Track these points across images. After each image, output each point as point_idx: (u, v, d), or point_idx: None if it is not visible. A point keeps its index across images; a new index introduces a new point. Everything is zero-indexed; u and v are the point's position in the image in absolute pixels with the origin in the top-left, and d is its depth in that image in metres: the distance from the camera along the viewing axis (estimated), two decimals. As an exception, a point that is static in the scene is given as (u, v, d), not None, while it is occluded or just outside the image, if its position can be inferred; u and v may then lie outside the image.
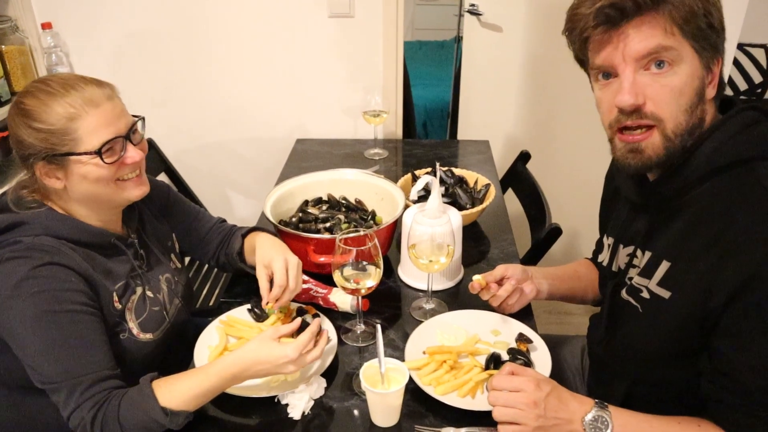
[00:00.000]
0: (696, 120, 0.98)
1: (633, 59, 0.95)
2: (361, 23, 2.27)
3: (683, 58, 0.94)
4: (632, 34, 0.94)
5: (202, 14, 2.29)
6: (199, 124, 2.50)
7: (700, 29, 0.93)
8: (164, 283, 1.36)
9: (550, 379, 1.09)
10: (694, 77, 0.96)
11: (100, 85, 1.16)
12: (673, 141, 0.98)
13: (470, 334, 1.31)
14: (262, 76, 2.40)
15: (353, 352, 1.31)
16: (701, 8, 0.92)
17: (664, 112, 0.96)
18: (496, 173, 2.12)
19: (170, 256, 1.43)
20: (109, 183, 1.17)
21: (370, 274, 1.25)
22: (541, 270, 1.39)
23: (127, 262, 1.27)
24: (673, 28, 0.93)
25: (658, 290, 1.05)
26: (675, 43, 0.93)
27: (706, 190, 1.00)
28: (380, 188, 1.65)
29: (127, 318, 1.23)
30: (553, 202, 1.89)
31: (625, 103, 0.96)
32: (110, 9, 2.29)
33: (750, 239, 0.90)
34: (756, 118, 0.99)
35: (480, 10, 2.86)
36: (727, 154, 0.98)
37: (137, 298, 1.27)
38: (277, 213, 1.58)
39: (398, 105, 2.42)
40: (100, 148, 1.12)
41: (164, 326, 1.32)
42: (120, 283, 1.23)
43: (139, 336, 1.25)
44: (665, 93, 0.95)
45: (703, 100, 0.98)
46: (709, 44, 0.95)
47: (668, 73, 0.95)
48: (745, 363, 0.94)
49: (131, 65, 2.38)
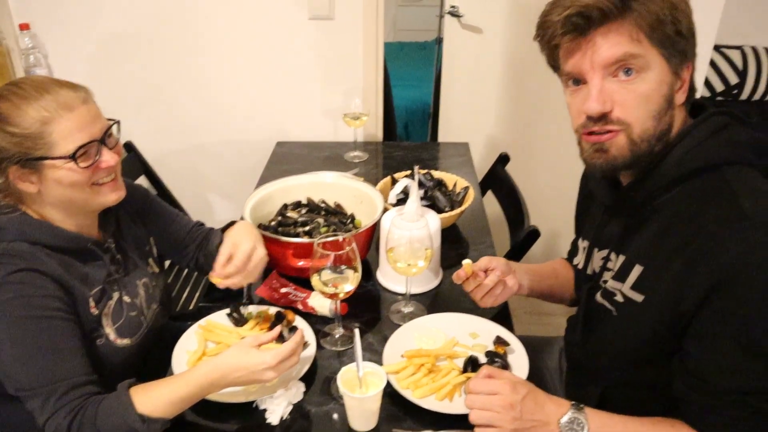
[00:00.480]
0: (664, 126, 1.00)
1: (601, 66, 0.96)
2: (341, 26, 2.27)
3: (651, 64, 0.95)
4: (600, 42, 0.95)
5: (182, 16, 2.28)
6: (179, 126, 2.49)
7: (667, 36, 0.95)
8: (142, 288, 1.35)
9: (527, 381, 1.10)
10: (662, 83, 0.97)
11: (75, 88, 1.15)
12: (638, 145, 0.99)
13: (448, 337, 1.32)
14: (241, 78, 2.39)
15: (332, 356, 1.31)
16: (668, 16, 0.93)
17: (631, 117, 0.97)
18: (476, 175, 2.13)
19: (148, 260, 1.42)
20: (84, 187, 1.16)
21: (348, 278, 1.25)
22: (522, 266, 1.40)
23: (103, 267, 1.26)
24: (640, 36, 0.94)
25: (632, 294, 1.06)
26: (642, 50, 0.94)
27: (676, 195, 1.01)
28: (359, 191, 1.65)
29: (103, 323, 1.22)
30: (532, 203, 1.91)
31: (593, 110, 0.97)
32: (89, 10, 2.27)
33: (719, 244, 0.92)
34: (725, 122, 1.00)
35: (460, 12, 2.87)
36: (696, 159, 0.99)
37: (114, 303, 1.26)
38: (256, 217, 1.57)
39: (378, 107, 2.42)
40: (75, 152, 1.11)
41: (142, 331, 1.31)
42: (96, 288, 1.22)
43: (116, 341, 1.24)
44: (633, 99, 0.96)
45: (671, 105, 0.99)
46: (677, 51, 0.96)
47: (636, 80, 0.96)
48: (715, 365, 0.95)
49: (110, 67, 2.36)
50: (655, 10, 0.93)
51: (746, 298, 0.90)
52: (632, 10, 0.93)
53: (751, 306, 0.90)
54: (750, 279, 0.89)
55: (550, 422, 1.03)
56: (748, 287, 0.90)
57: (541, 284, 1.40)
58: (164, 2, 2.25)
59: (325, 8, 2.23)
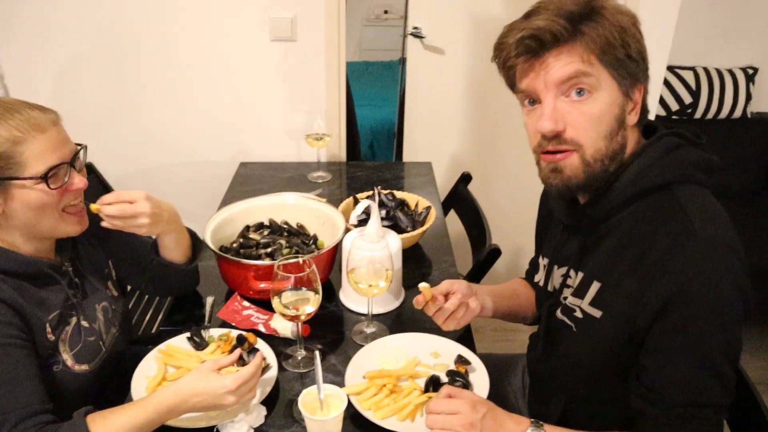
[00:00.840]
0: (617, 146, 1.02)
1: (554, 85, 0.99)
2: (303, 47, 2.28)
3: (602, 85, 0.98)
4: (552, 63, 0.98)
5: (143, 37, 2.27)
6: (141, 148, 2.47)
7: (617, 59, 0.98)
8: (101, 312, 1.33)
9: (487, 400, 1.11)
10: (614, 105, 1.00)
11: (44, 110, 1.15)
12: (592, 165, 1.01)
13: (410, 356, 1.32)
14: (204, 99, 2.38)
15: (294, 379, 1.30)
16: (618, 39, 0.97)
17: (583, 138, 1.00)
18: (438, 195, 2.15)
19: (107, 283, 1.40)
20: (52, 211, 1.16)
21: (310, 299, 1.25)
22: (483, 287, 1.41)
23: (61, 291, 1.24)
24: (591, 57, 0.97)
25: (590, 310, 1.08)
26: (593, 70, 0.97)
27: (630, 213, 1.04)
28: (321, 212, 1.65)
29: (60, 349, 1.20)
30: (495, 221, 1.93)
31: (546, 128, 1.00)
32: (47, 32, 2.24)
33: (671, 260, 0.95)
34: (676, 143, 1.04)
35: (423, 33, 2.91)
36: (648, 178, 1.02)
37: (71, 329, 1.24)
38: (218, 239, 1.57)
39: (341, 128, 2.44)
40: (46, 173, 1.11)
41: (101, 356, 1.29)
42: (54, 313, 1.20)
43: (74, 368, 1.22)
44: (585, 120, 0.99)
45: (623, 126, 1.02)
46: (628, 73, 0.99)
47: (587, 101, 0.99)
48: (669, 379, 0.98)
49: (69, 88, 2.33)
50: (605, 34, 0.96)
51: (698, 314, 0.93)
52: (583, 33, 0.96)
53: (703, 321, 0.93)
54: (700, 295, 0.92)
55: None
56: (699, 303, 0.92)
57: (503, 305, 1.41)
58: (124, 23, 2.24)
59: (287, 30, 2.25)
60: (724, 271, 0.93)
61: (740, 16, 3.04)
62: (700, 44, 3.08)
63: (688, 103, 3.04)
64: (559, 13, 0.96)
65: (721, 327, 0.94)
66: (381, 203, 1.77)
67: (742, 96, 3.06)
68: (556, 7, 0.97)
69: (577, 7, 0.97)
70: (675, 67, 3.05)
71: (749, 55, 3.13)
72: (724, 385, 0.97)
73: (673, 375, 0.97)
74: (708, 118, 3.10)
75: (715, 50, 3.11)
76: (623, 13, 0.99)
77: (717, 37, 3.09)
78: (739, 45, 3.11)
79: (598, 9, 0.97)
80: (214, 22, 2.25)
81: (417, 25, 2.93)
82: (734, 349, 0.97)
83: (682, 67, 3.06)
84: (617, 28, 0.97)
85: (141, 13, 2.23)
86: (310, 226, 1.68)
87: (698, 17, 2.98)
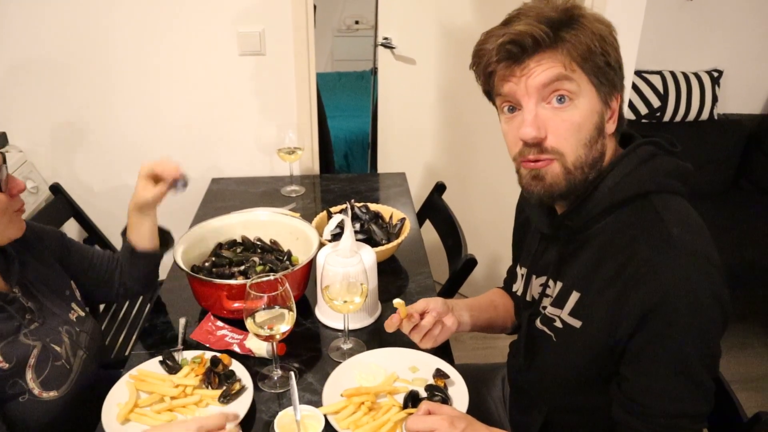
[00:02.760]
0: (597, 154, 1.02)
1: (535, 90, 0.98)
2: (272, 61, 2.27)
3: (583, 91, 0.98)
4: (533, 67, 0.97)
5: (111, 54, 2.23)
6: (109, 166, 2.42)
7: (598, 66, 0.98)
8: (65, 335, 1.29)
9: (466, 414, 1.10)
10: (594, 112, 1.00)
11: None
12: (573, 173, 1.01)
13: (388, 372, 1.30)
14: (174, 115, 2.35)
15: (271, 399, 1.28)
16: (598, 47, 0.97)
17: (564, 146, 0.99)
18: (413, 205, 2.14)
19: (70, 305, 1.36)
20: (2, 216, 1.14)
21: (284, 318, 1.23)
22: (459, 302, 1.39)
23: (10, 318, 1.20)
24: (572, 64, 0.97)
25: (570, 320, 1.08)
26: (575, 76, 0.97)
27: (609, 223, 1.04)
28: (294, 228, 1.63)
29: (27, 377, 1.16)
30: (471, 230, 1.93)
31: (528, 135, 0.99)
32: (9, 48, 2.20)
33: (651, 270, 0.94)
34: (652, 152, 1.04)
35: (393, 44, 2.92)
36: (626, 188, 1.02)
37: (36, 355, 1.20)
38: (189, 258, 1.54)
39: (314, 140, 2.42)
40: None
41: (70, 381, 1.25)
42: (5, 341, 1.16)
43: (42, 395, 1.18)
44: (565, 127, 0.99)
45: (602, 134, 1.02)
46: (607, 81, 0.99)
47: (568, 108, 0.98)
48: (648, 388, 0.98)
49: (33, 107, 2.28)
50: (586, 41, 0.96)
51: (678, 324, 0.93)
52: (564, 40, 0.96)
53: (683, 332, 0.93)
54: (680, 305, 0.92)
55: None
56: (678, 313, 0.92)
57: (481, 318, 1.39)
58: (91, 40, 2.20)
59: (255, 44, 2.23)
60: (703, 282, 0.93)
61: (705, 20, 3.09)
62: (666, 49, 3.13)
63: (656, 107, 3.09)
64: (539, 19, 0.96)
65: (701, 337, 0.94)
66: (355, 216, 1.75)
67: (708, 98, 3.11)
68: (536, 13, 0.97)
69: (556, 14, 0.97)
70: (643, 71, 3.09)
71: (714, 59, 3.19)
72: (704, 394, 0.97)
73: (654, 386, 0.97)
74: (676, 121, 3.14)
75: (681, 54, 3.17)
76: (601, 22, 0.99)
77: (682, 41, 3.15)
78: (704, 49, 3.17)
79: (577, 17, 0.98)
80: (181, 39, 2.22)
81: (387, 36, 2.94)
82: (713, 358, 0.98)
83: (650, 71, 3.10)
84: (597, 36, 0.97)
85: (107, 30, 2.20)
86: (283, 242, 1.66)
87: (664, 22, 3.04)
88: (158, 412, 1.21)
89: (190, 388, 1.25)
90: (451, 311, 1.30)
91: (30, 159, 2.31)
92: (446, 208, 2.03)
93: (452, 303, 1.33)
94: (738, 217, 2.93)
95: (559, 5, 0.98)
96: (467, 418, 1.07)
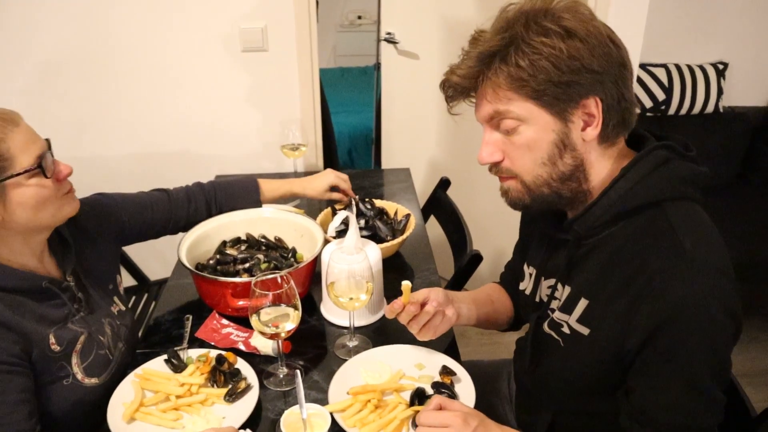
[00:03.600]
0: (566, 168, 1.00)
1: (484, 121, 1.04)
2: (275, 57, 2.26)
3: (526, 117, 0.98)
4: (478, 101, 1.04)
5: (114, 52, 2.23)
6: (114, 163, 2.42)
7: (535, 90, 0.95)
8: (108, 326, 1.32)
9: (478, 411, 1.09)
10: (547, 130, 0.98)
11: (4, 110, 1.14)
12: (534, 190, 1.03)
13: (394, 369, 1.30)
14: (177, 112, 2.35)
15: (277, 397, 1.27)
16: (527, 73, 0.94)
17: (518, 167, 1.03)
18: (417, 201, 2.14)
19: (113, 299, 1.38)
20: (53, 202, 1.15)
21: (289, 316, 1.22)
22: (459, 294, 1.38)
23: (62, 305, 1.23)
24: (508, 94, 0.97)
25: (578, 327, 1.06)
26: (513, 106, 0.98)
27: (619, 231, 1.01)
28: (299, 225, 1.63)
29: (72, 362, 1.20)
30: (477, 225, 1.92)
31: (482, 160, 1.05)
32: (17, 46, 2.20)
33: (662, 283, 0.92)
34: (666, 157, 1.00)
35: (396, 39, 2.90)
36: (638, 196, 0.99)
37: (83, 342, 1.23)
38: (193, 256, 1.53)
39: (317, 137, 2.41)
40: (39, 162, 1.11)
41: (110, 369, 1.28)
42: (57, 326, 1.19)
43: (84, 381, 1.21)
44: (516, 150, 1.02)
45: (570, 147, 0.99)
46: (554, 98, 0.95)
47: (515, 134, 1.00)
48: (656, 401, 0.97)
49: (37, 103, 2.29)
50: (512, 73, 0.95)
51: (689, 340, 0.92)
52: (488, 78, 0.99)
53: (694, 346, 0.92)
54: (691, 320, 0.91)
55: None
56: (690, 329, 0.91)
57: (479, 312, 1.37)
58: (96, 38, 2.20)
59: (258, 41, 2.22)
60: (715, 297, 0.91)
61: (709, 12, 3.07)
62: (671, 41, 3.11)
63: (661, 100, 3.07)
64: (477, 58, 0.99)
65: (712, 352, 0.93)
66: (360, 213, 1.75)
67: (713, 91, 3.09)
68: (477, 51, 0.99)
69: (496, 43, 0.97)
70: (647, 64, 3.07)
71: (719, 51, 3.17)
72: (714, 408, 0.96)
73: (663, 399, 0.96)
74: (681, 114, 3.12)
75: (685, 47, 3.15)
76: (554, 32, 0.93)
77: (687, 33, 3.13)
78: (709, 41, 3.14)
79: (518, 40, 0.94)
80: (185, 35, 2.22)
81: (390, 31, 2.93)
82: (724, 372, 0.97)
83: (654, 64, 3.08)
84: (540, 57, 0.93)
85: (111, 27, 2.20)
86: (288, 239, 1.66)
87: (668, 15, 3.01)
88: (164, 411, 1.21)
89: (195, 386, 1.25)
90: (452, 303, 1.29)
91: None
92: (451, 204, 2.02)
93: (452, 294, 1.32)
94: (744, 210, 2.91)
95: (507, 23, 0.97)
96: (479, 416, 1.07)
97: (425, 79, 2.82)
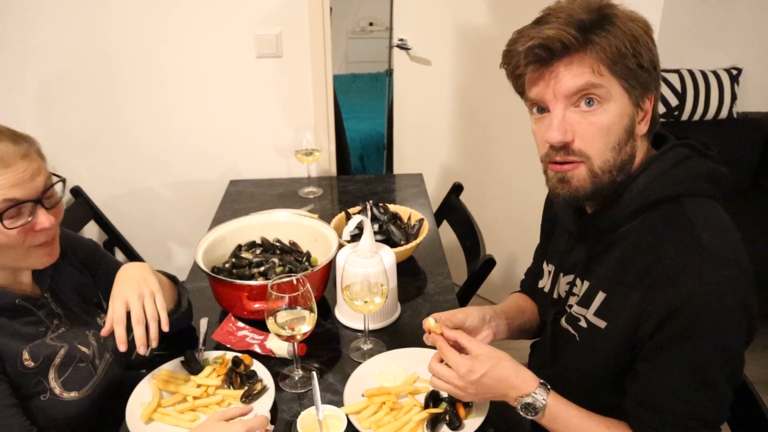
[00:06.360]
0: (625, 156, 1.01)
1: (563, 96, 0.97)
2: (289, 63, 2.28)
3: (612, 96, 0.96)
4: (562, 73, 0.96)
5: (130, 57, 2.25)
6: (129, 169, 2.44)
7: (628, 69, 0.95)
8: (93, 338, 1.31)
9: (487, 355, 1.10)
10: (623, 115, 0.98)
11: (16, 140, 1.09)
12: (599, 177, 1.00)
13: (409, 372, 1.30)
14: (192, 118, 2.37)
15: (292, 399, 1.28)
16: (629, 49, 0.94)
17: (592, 149, 0.98)
18: (430, 206, 2.14)
19: (98, 311, 1.37)
20: (17, 249, 1.11)
21: (305, 318, 1.23)
22: (494, 309, 1.35)
23: (38, 322, 1.21)
24: (601, 68, 0.95)
25: (595, 320, 1.07)
26: (603, 81, 0.95)
27: (638, 225, 1.03)
28: (313, 229, 1.64)
29: (50, 377, 1.18)
30: (489, 230, 1.92)
31: (554, 139, 0.98)
32: (30, 53, 2.22)
33: (677, 273, 0.94)
34: (686, 154, 1.02)
35: (408, 45, 2.92)
36: (657, 190, 1.01)
37: (61, 357, 1.21)
38: (209, 260, 1.55)
39: (331, 142, 2.43)
40: (2, 212, 1.05)
41: (93, 382, 1.27)
42: (33, 343, 1.18)
43: (63, 395, 1.20)
44: (593, 130, 0.97)
45: (633, 137, 1.00)
46: (639, 83, 0.97)
47: (597, 111, 0.97)
48: (662, 386, 0.98)
49: (54, 111, 2.31)
50: (616, 44, 0.94)
51: (698, 327, 0.92)
52: (594, 43, 0.94)
53: (703, 335, 0.93)
54: (703, 310, 0.91)
55: (509, 396, 1.09)
56: (700, 316, 0.92)
57: (514, 325, 1.36)
58: (109, 43, 2.23)
59: (272, 47, 2.24)
60: (729, 287, 0.92)
61: (722, 17, 3.06)
62: (684, 47, 3.09)
63: (674, 106, 3.06)
64: (569, 21, 0.94)
65: (722, 343, 0.93)
66: (373, 217, 1.76)
67: (727, 97, 3.08)
68: (566, 15, 0.95)
69: (588, 15, 0.95)
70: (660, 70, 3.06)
71: (733, 56, 3.15)
72: (718, 402, 0.97)
73: (666, 385, 0.97)
74: (695, 120, 3.11)
75: (699, 52, 3.13)
76: (635, 21, 0.96)
77: (700, 39, 3.11)
78: (723, 46, 3.13)
79: (610, 17, 0.95)
80: (199, 41, 2.24)
81: (402, 37, 2.95)
82: (734, 367, 0.97)
83: (668, 70, 3.07)
84: (629, 37, 0.94)
85: (126, 33, 2.22)
86: (302, 243, 1.67)
87: (681, 20, 3.00)
88: (181, 412, 1.22)
89: (212, 388, 1.27)
90: (488, 323, 1.28)
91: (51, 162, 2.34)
92: (464, 209, 2.03)
93: (488, 312, 1.29)
94: (758, 216, 2.89)
95: (591, 4, 0.96)
96: (488, 361, 1.08)
97: (438, 85, 2.83)
